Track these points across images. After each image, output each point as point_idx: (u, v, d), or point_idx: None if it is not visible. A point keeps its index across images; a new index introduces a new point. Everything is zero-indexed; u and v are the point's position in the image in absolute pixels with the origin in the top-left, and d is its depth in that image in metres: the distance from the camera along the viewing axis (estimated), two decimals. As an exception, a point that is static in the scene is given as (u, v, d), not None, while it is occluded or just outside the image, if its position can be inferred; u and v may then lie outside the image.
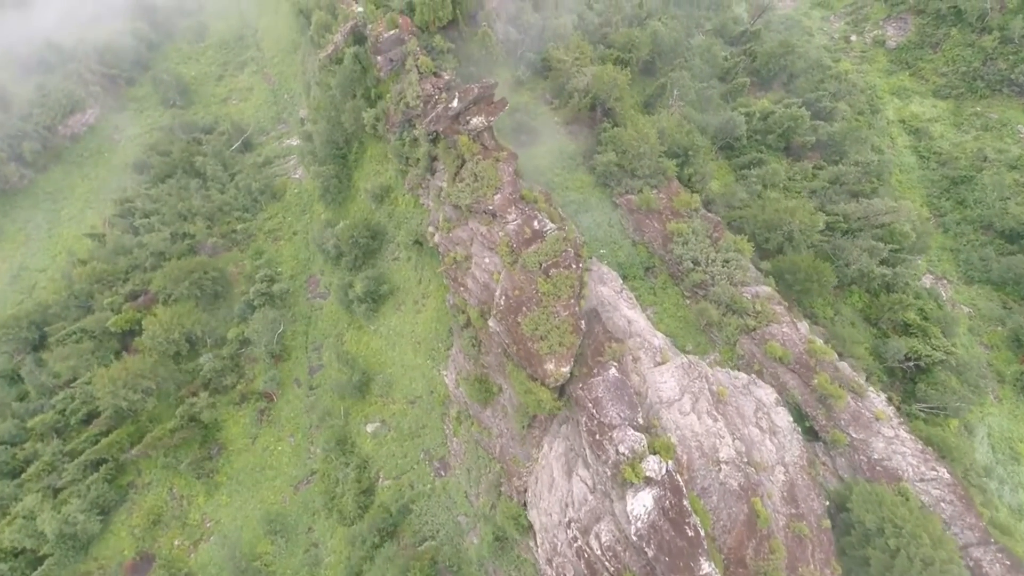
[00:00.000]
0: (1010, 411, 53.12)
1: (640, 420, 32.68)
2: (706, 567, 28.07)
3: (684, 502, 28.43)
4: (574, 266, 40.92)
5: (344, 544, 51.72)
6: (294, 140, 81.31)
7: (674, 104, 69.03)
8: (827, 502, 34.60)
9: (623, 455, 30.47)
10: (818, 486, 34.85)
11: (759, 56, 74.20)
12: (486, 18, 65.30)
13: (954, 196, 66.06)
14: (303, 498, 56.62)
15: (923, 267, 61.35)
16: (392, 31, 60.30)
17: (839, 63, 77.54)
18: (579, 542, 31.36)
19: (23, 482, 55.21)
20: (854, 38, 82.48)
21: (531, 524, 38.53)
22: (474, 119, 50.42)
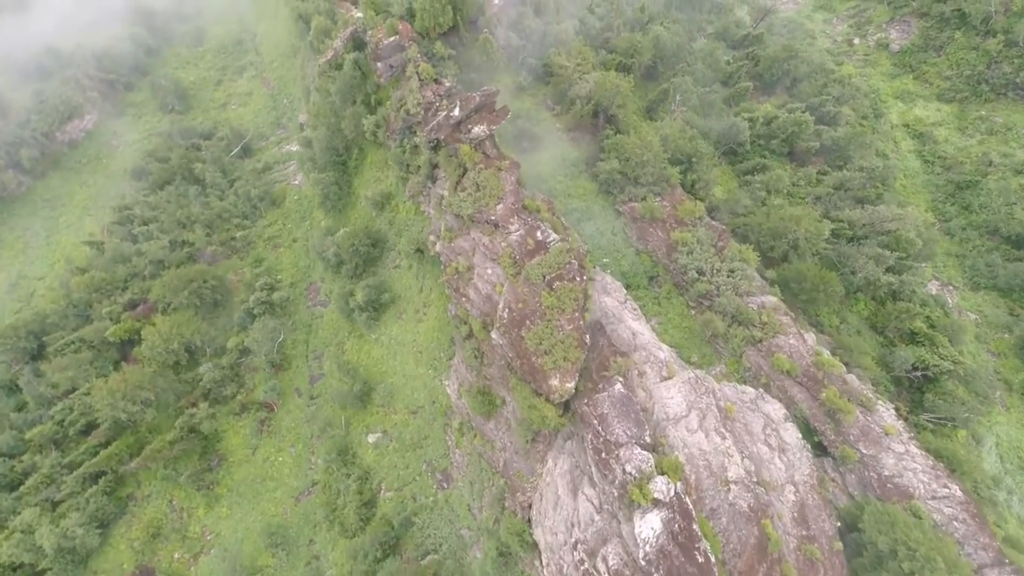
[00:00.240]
0: (1018, 420, 52.59)
1: (647, 438, 32.09)
2: (716, 592, 27.39)
3: (694, 526, 27.83)
4: (578, 278, 40.33)
5: (346, 557, 51.12)
6: (293, 146, 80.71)
7: (676, 109, 68.41)
8: (838, 523, 34.01)
9: (630, 475, 29.89)
10: (829, 506, 34.24)
11: (762, 60, 73.66)
12: (487, 24, 64.67)
13: (959, 201, 65.58)
14: (304, 510, 56.07)
15: (928, 273, 60.81)
16: (392, 37, 59.69)
17: (842, 66, 76.88)
18: (586, 564, 30.75)
19: (21, 495, 54.78)
20: (857, 41, 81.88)
21: (536, 542, 37.95)
22: (476, 128, 49.80)
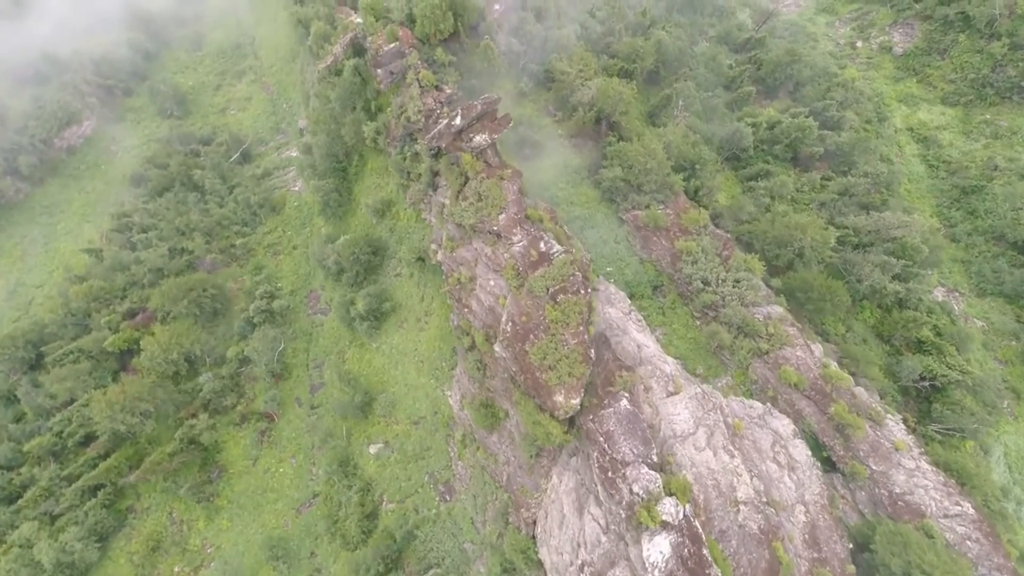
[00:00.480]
0: (1026, 429, 52.11)
1: (654, 456, 31.53)
2: (727, 618, 26.90)
3: (704, 551, 27.24)
4: (582, 291, 39.73)
5: (348, 571, 50.60)
6: (293, 151, 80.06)
7: (679, 115, 67.78)
8: (850, 544, 33.45)
9: (637, 495, 29.33)
10: (840, 526, 33.65)
11: (764, 64, 73.00)
12: (488, 30, 63.91)
13: (964, 206, 64.98)
14: (305, 522, 55.52)
15: (934, 280, 60.25)
16: (392, 43, 59.03)
17: (845, 70, 76.22)
18: (593, 587, 30.27)
19: (20, 508, 54.19)
20: (860, 44, 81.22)
21: (541, 561, 37.42)
22: (477, 136, 49.21)
